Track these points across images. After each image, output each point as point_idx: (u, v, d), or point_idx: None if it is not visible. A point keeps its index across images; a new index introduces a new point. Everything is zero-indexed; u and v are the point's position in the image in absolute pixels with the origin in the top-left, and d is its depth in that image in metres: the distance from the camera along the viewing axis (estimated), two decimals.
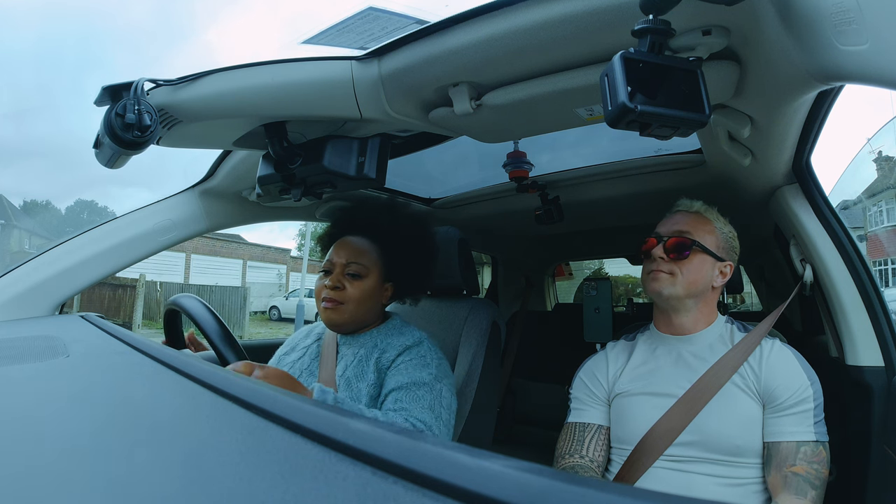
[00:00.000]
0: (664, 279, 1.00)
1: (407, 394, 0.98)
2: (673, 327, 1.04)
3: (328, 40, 0.85)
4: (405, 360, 1.04)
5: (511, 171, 1.49)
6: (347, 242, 1.11)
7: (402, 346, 1.06)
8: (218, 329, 0.95)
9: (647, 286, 1.03)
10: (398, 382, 0.99)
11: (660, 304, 1.05)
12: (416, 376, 1.00)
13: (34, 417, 0.41)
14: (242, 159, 1.18)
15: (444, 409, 1.00)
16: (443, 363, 1.08)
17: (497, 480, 0.22)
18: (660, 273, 1.00)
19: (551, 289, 2.85)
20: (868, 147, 15.72)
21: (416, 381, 0.99)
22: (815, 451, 0.88)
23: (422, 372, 1.01)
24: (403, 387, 0.99)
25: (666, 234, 1.03)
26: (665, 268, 1.00)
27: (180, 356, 0.56)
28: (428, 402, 0.98)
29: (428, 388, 1.00)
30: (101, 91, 0.78)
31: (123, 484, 0.27)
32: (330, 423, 0.31)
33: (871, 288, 1.00)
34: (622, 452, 0.99)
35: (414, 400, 0.97)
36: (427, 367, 1.03)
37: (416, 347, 1.06)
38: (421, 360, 1.04)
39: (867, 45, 0.47)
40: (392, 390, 0.99)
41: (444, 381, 1.04)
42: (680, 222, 1.04)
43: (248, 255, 18.76)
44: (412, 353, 1.05)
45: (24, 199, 25.73)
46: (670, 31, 0.55)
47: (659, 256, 1.01)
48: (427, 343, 1.09)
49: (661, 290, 1.00)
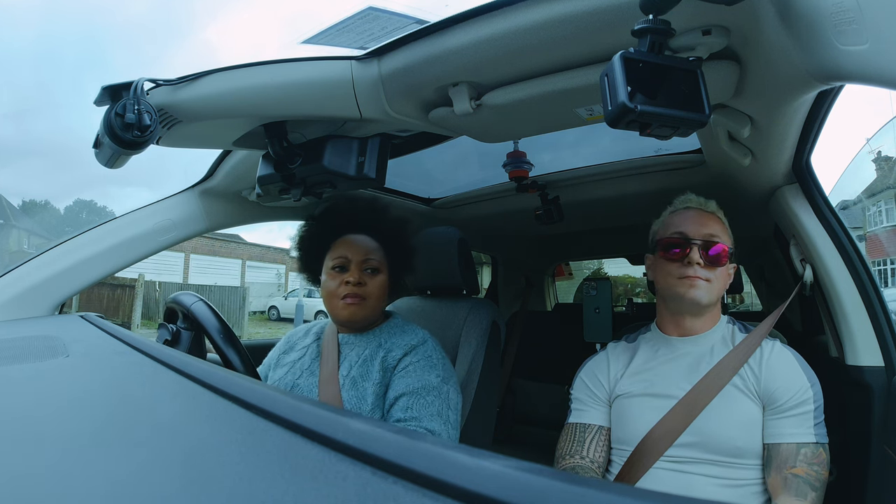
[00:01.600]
0: (703, 286, 0.95)
1: (417, 400, 0.99)
2: (683, 329, 1.02)
3: (328, 40, 0.85)
4: (412, 360, 1.04)
5: (511, 171, 1.50)
6: (356, 240, 1.12)
7: (408, 345, 1.07)
8: (220, 328, 0.94)
9: (681, 291, 0.96)
10: (408, 386, 1.00)
11: (681, 309, 1.00)
12: (424, 380, 1.01)
13: (34, 417, 0.41)
14: (242, 159, 1.18)
15: (451, 410, 1.02)
16: (447, 362, 1.09)
17: (497, 480, 0.22)
18: (698, 280, 0.95)
19: (551, 289, 2.85)
20: (868, 147, 15.74)
21: (426, 385, 1.00)
22: (815, 453, 0.88)
23: (430, 374, 1.02)
24: (413, 392, 1.00)
25: (697, 238, 0.97)
26: (703, 274, 0.95)
27: (180, 356, 0.56)
28: (437, 407, 0.99)
29: (436, 392, 1.01)
30: (101, 91, 0.78)
31: (123, 484, 0.27)
32: (330, 423, 0.31)
33: (871, 288, 1.00)
34: (622, 453, 0.99)
35: (423, 406, 0.98)
36: (434, 368, 1.04)
37: (422, 347, 1.07)
38: (427, 360, 1.05)
39: (867, 45, 0.47)
40: (402, 395, 1.00)
41: (451, 381, 1.06)
42: (707, 224, 0.99)
43: (248, 255, 18.75)
44: (419, 354, 1.05)
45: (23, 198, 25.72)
46: (670, 31, 0.55)
47: (697, 261, 0.95)
48: (431, 342, 1.10)
49: (701, 298, 0.95)
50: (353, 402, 1.01)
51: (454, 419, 1.02)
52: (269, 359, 1.21)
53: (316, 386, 1.05)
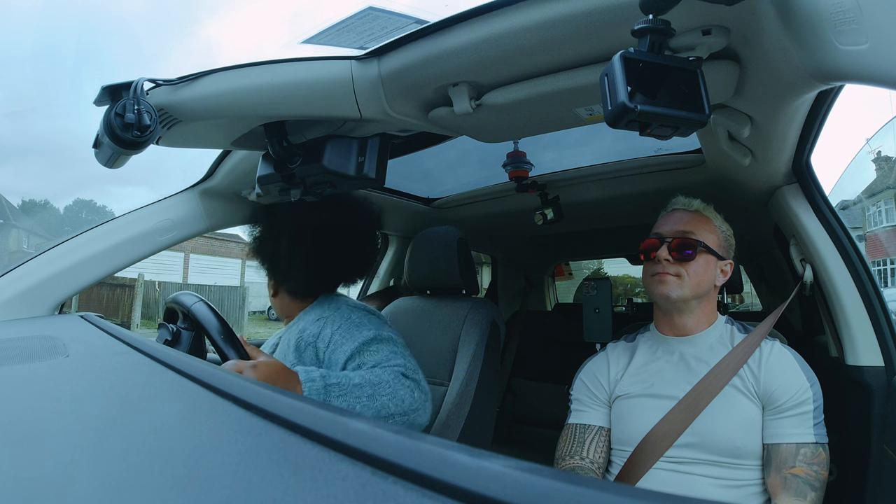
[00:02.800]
0: (671, 282, 0.98)
1: (363, 354, 0.95)
2: (675, 329, 1.03)
3: (328, 40, 0.85)
4: (333, 328, 0.99)
5: (511, 171, 1.50)
6: None
7: (319, 316, 1.03)
8: (220, 328, 0.94)
9: (652, 289, 1.01)
10: (348, 350, 0.95)
11: (664, 307, 1.03)
12: (359, 337, 0.97)
13: (34, 417, 0.41)
14: (242, 159, 1.18)
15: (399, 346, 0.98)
16: (374, 316, 1.04)
17: (497, 480, 0.22)
18: (666, 275, 0.99)
19: (551, 289, 2.85)
20: (868, 147, 15.74)
21: (364, 340, 0.96)
22: (815, 453, 0.88)
23: (360, 331, 0.98)
24: (356, 352, 0.95)
25: (669, 235, 1.01)
26: (671, 270, 0.99)
27: (180, 356, 0.56)
28: (388, 349, 0.96)
29: (377, 340, 0.97)
30: (101, 91, 0.78)
31: (123, 484, 0.27)
32: (329, 422, 0.31)
33: (871, 288, 1.00)
34: (622, 454, 0.99)
35: (372, 354, 0.94)
36: (361, 325, 0.99)
37: (335, 314, 1.03)
38: (348, 322, 1.00)
39: (867, 45, 0.47)
40: (347, 360, 0.95)
41: (385, 327, 1.01)
42: (681, 221, 1.02)
43: (247, 255, 18.72)
44: (336, 322, 1.00)
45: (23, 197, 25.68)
46: (670, 31, 0.55)
47: (664, 258, 0.99)
48: (345, 308, 1.05)
49: (669, 293, 0.98)
50: None
51: (409, 353, 0.99)
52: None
53: None
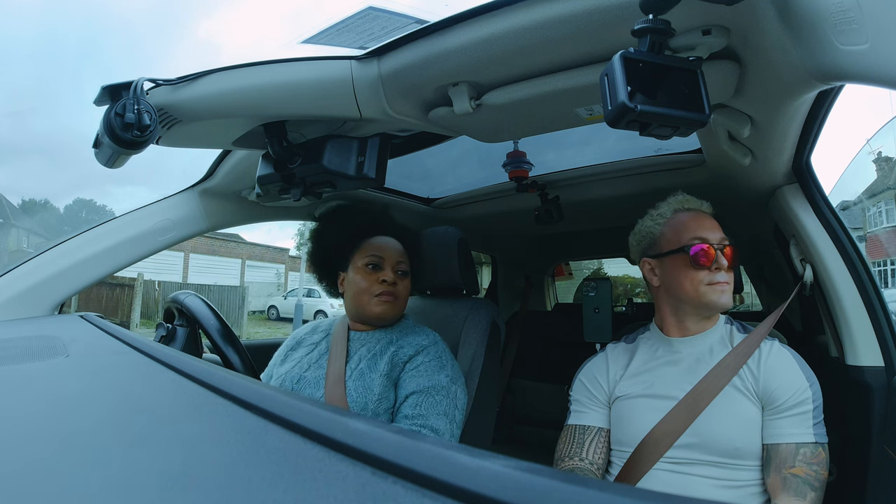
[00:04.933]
0: (728, 291, 0.96)
1: (426, 398, 1.02)
2: (686, 331, 1.02)
3: (328, 40, 0.85)
4: (423, 360, 1.07)
5: (511, 171, 1.50)
6: (389, 242, 1.16)
7: (419, 345, 1.09)
8: (218, 327, 0.94)
9: (711, 298, 0.96)
10: (418, 385, 1.03)
11: (702, 313, 1.00)
12: (434, 380, 1.04)
13: (34, 417, 0.41)
14: (242, 159, 1.18)
15: (457, 410, 1.05)
16: (455, 364, 1.12)
17: (497, 480, 0.22)
18: (727, 285, 0.96)
19: (551, 289, 2.85)
20: (868, 147, 15.74)
21: (435, 384, 1.04)
22: (815, 453, 0.88)
23: (439, 375, 1.05)
24: (423, 391, 1.03)
25: (717, 243, 0.97)
26: (728, 278, 0.97)
27: (180, 356, 0.56)
28: (444, 406, 1.02)
29: (445, 392, 1.04)
30: (101, 91, 0.78)
31: (123, 484, 0.27)
32: (329, 422, 0.31)
33: (871, 288, 1.00)
34: (622, 455, 0.99)
35: (431, 405, 1.01)
36: (444, 368, 1.07)
37: (433, 347, 1.10)
38: (438, 361, 1.08)
39: (867, 45, 0.47)
40: (412, 393, 1.03)
41: (458, 381, 1.09)
42: (716, 227, 1.00)
43: (247, 255, 18.75)
44: (430, 354, 1.08)
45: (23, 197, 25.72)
46: (670, 31, 0.55)
47: (725, 268, 0.96)
48: (441, 343, 1.13)
49: (728, 303, 0.96)
50: (359, 392, 1.03)
51: (459, 419, 1.05)
52: (277, 356, 1.22)
53: (323, 378, 1.07)
